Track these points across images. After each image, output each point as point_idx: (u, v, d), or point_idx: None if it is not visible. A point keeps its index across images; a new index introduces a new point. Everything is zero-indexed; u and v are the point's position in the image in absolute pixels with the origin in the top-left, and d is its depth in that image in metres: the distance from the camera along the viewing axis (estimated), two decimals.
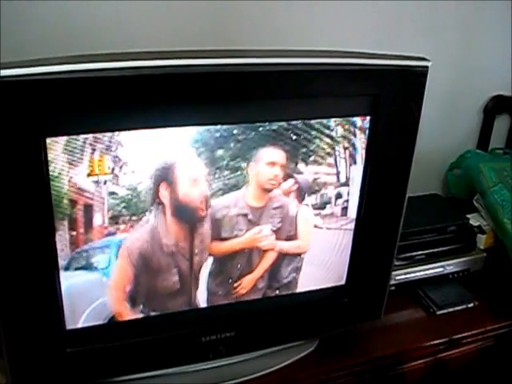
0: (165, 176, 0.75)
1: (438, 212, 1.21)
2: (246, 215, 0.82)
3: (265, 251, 0.85)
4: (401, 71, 0.77)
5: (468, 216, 1.23)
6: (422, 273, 1.12)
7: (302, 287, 0.90)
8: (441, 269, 1.13)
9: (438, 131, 1.33)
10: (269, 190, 0.81)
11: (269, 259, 0.86)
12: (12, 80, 0.63)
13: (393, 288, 1.07)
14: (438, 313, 1.08)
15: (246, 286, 0.86)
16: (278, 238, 0.85)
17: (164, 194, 0.76)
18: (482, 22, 1.27)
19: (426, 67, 0.77)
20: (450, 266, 1.14)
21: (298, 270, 0.88)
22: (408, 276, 1.11)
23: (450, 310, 1.09)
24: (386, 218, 0.89)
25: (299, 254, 0.87)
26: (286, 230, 0.85)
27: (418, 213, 1.14)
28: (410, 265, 1.11)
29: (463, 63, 1.31)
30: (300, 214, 0.84)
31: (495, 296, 1.13)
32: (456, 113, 1.36)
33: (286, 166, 0.79)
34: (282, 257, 0.86)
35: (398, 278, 1.09)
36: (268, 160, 0.78)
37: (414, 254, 1.12)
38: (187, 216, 0.79)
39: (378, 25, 1.17)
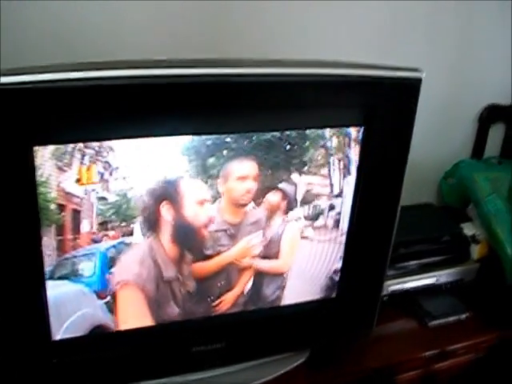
0: (167, 195, 0.74)
1: (432, 221, 1.21)
2: (226, 230, 0.80)
3: (242, 269, 0.84)
4: (394, 82, 0.76)
5: (462, 225, 1.22)
6: (415, 283, 1.11)
7: (289, 300, 0.89)
8: (434, 279, 1.13)
9: (433, 140, 1.32)
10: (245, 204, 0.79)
11: (247, 276, 0.84)
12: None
13: (385, 298, 1.06)
14: (431, 324, 1.08)
15: (227, 303, 0.85)
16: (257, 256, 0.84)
17: (166, 215, 0.76)
18: (476, 31, 1.27)
19: (419, 79, 0.76)
20: (443, 277, 1.13)
21: (282, 287, 0.87)
22: (401, 286, 1.10)
23: (443, 320, 1.08)
24: (378, 228, 0.88)
25: (281, 274, 0.86)
26: (267, 248, 0.84)
27: (411, 222, 1.13)
28: (402, 275, 1.10)
29: (458, 72, 1.31)
30: (286, 232, 0.83)
31: (488, 307, 1.12)
32: (451, 122, 1.35)
33: (273, 178, 0.79)
34: (262, 276, 0.85)
35: (390, 288, 1.08)
36: (241, 174, 0.77)
37: (407, 264, 1.12)
38: (187, 239, 0.78)
39: (373, 34, 1.17)
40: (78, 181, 0.71)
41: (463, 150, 1.39)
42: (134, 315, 0.81)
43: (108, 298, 0.78)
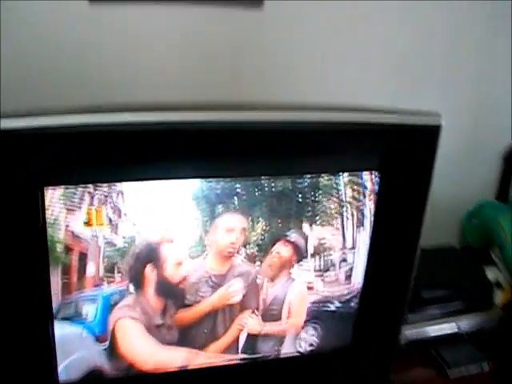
0: (152, 256, 0.74)
1: (453, 265, 1.17)
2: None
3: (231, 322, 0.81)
4: (412, 130, 0.74)
5: (485, 269, 1.18)
6: (434, 331, 1.07)
7: (293, 350, 0.85)
8: (454, 327, 1.08)
9: (455, 178, 1.28)
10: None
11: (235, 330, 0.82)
12: (9, 131, 0.61)
13: (403, 346, 1.02)
14: (450, 374, 1.03)
15: (215, 353, 0.81)
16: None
17: (150, 273, 0.75)
18: (499, 67, 1.24)
19: (438, 127, 0.73)
20: (464, 324, 1.09)
21: (282, 342, 0.84)
22: (420, 334, 1.05)
23: (463, 371, 1.03)
24: (395, 276, 0.85)
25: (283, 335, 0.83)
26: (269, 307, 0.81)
27: (432, 266, 1.09)
28: (422, 322, 1.06)
29: (480, 109, 1.27)
30: (292, 289, 0.80)
31: (511, 357, 1.07)
32: (473, 160, 1.32)
33: (282, 228, 0.76)
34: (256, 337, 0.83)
35: (408, 335, 1.04)
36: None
37: (427, 309, 1.07)
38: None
39: (390, 70, 1.15)
40: (86, 223, 0.70)
41: (487, 190, 1.35)
42: (131, 358, 0.78)
43: (107, 342, 0.77)
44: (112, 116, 0.66)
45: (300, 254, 0.78)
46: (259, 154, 0.71)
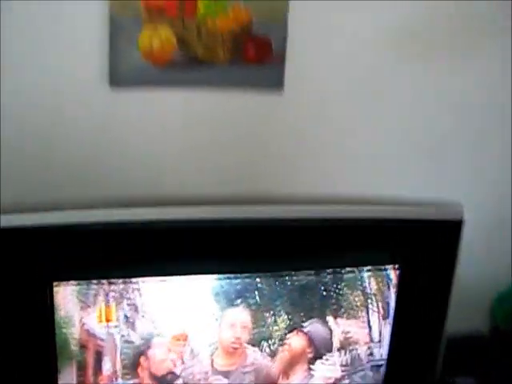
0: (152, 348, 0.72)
1: (482, 354, 1.11)
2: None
3: None
4: (434, 224, 0.73)
5: None
6: None
7: None
8: None
9: (483, 257, 1.25)
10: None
11: None
12: (18, 229, 0.62)
13: None
14: None
15: None
16: None
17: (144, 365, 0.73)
18: None
19: (460, 221, 0.72)
20: None
21: None
22: None
23: None
24: (420, 367, 0.82)
25: None
26: None
27: (461, 355, 1.04)
28: None
29: (505, 184, 1.25)
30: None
31: None
32: (501, 238, 1.28)
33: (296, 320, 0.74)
34: None
35: None
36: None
37: None
38: None
39: (416, 162, 1.13)
40: (100, 319, 0.69)
41: None
42: None
43: None
44: (126, 213, 0.66)
45: (315, 347, 0.76)
46: (279, 250, 0.71)
